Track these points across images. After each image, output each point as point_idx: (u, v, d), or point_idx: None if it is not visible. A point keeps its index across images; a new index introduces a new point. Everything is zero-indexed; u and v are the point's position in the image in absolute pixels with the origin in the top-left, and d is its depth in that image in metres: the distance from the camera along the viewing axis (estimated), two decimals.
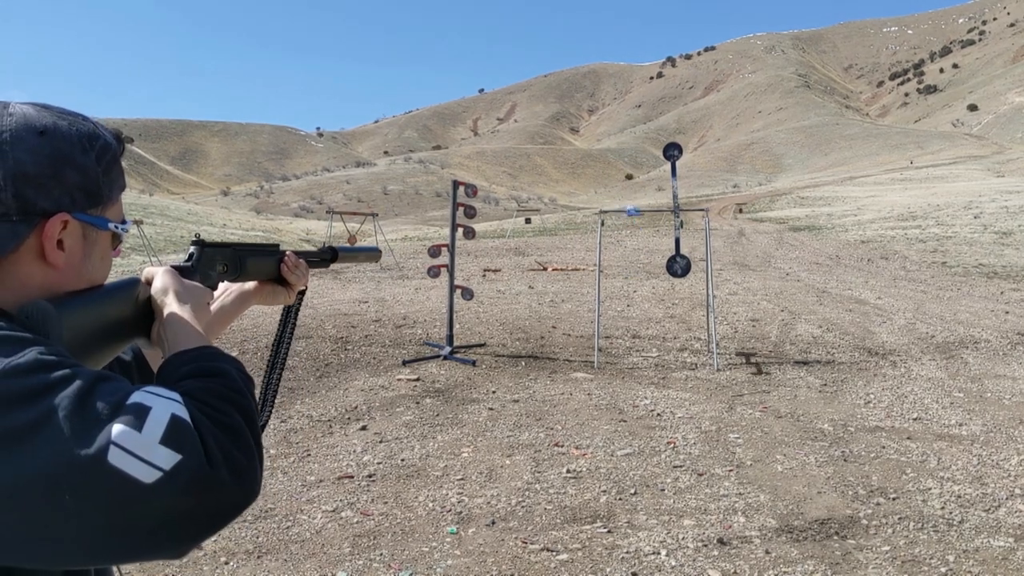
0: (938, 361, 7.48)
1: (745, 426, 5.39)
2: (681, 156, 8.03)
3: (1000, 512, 3.88)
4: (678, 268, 7.78)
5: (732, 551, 3.46)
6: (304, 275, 1.24)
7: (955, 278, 15.05)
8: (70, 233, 0.82)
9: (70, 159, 0.81)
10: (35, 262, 0.81)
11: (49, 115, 0.83)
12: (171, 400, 0.72)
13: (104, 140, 0.86)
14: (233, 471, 0.71)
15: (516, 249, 23.06)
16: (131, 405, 0.69)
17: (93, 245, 0.86)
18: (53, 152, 0.80)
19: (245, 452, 0.74)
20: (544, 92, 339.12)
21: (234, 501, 0.72)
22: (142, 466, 0.66)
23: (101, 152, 0.85)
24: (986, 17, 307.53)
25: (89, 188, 0.84)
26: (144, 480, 0.66)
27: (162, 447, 0.68)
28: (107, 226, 0.87)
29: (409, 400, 6.08)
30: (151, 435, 0.68)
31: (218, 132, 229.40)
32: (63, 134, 0.82)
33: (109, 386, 0.71)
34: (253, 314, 9.90)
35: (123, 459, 0.66)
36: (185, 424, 0.70)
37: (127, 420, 0.68)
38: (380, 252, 1.56)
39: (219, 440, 0.72)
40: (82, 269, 0.85)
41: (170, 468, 0.67)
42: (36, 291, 0.81)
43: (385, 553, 3.44)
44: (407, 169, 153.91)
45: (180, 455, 0.68)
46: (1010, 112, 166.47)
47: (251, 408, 0.80)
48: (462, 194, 8.16)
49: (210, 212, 56.75)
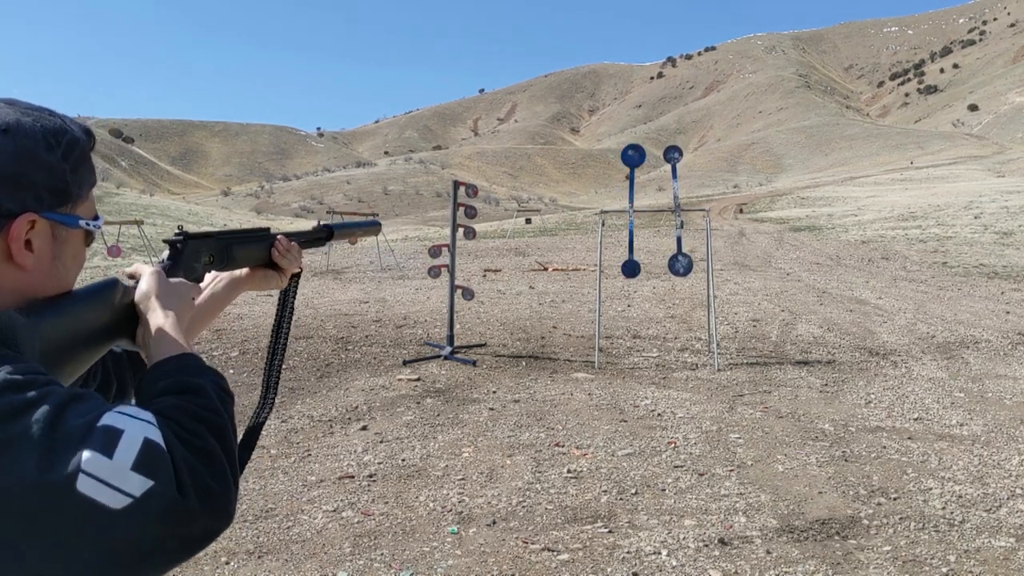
0: (939, 361, 7.48)
1: (746, 426, 5.38)
2: (681, 158, 8.04)
3: (1001, 512, 3.88)
4: (680, 267, 7.78)
5: (733, 551, 3.46)
6: (297, 258, 1.20)
7: (956, 278, 15.05)
8: (38, 233, 0.80)
9: (35, 157, 0.78)
10: (3, 265, 0.78)
11: (12, 111, 0.79)
12: (144, 422, 0.70)
13: (71, 135, 0.83)
14: (204, 498, 0.70)
15: (517, 249, 23.06)
16: (102, 428, 0.68)
17: (63, 244, 0.83)
18: (17, 150, 0.77)
19: (218, 478, 0.72)
20: (544, 92, 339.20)
21: (205, 528, 0.70)
22: (112, 493, 0.65)
23: (68, 148, 0.82)
24: (986, 17, 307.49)
25: (56, 186, 0.81)
26: (113, 507, 0.65)
27: (133, 473, 0.66)
28: (78, 224, 0.84)
29: (410, 400, 6.08)
30: (122, 461, 0.66)
31: (218, 132, 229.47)
32: (27, 131, 0.78)
33: (81, 407, 0.69)
34: (253, 314, 9.91)
35: (92, 486, 0.65)
36: (158, 449, 0.69)
37: (98, 446, 0.66)
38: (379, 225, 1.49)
39: (191, 465, 0.70)
40: (52, 270, 0.83)
41: (140, 495, 0.66)
42: (7, 294, 0.79)
43: (386, 553, 3.44)
44: (407, 169, 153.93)
45: (152, 481, 0.67)
46: (1010, 112, 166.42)
47: (226, 429, 0.78)
48: (462, 194, 8.16)
49: (211, 212, 56.77)
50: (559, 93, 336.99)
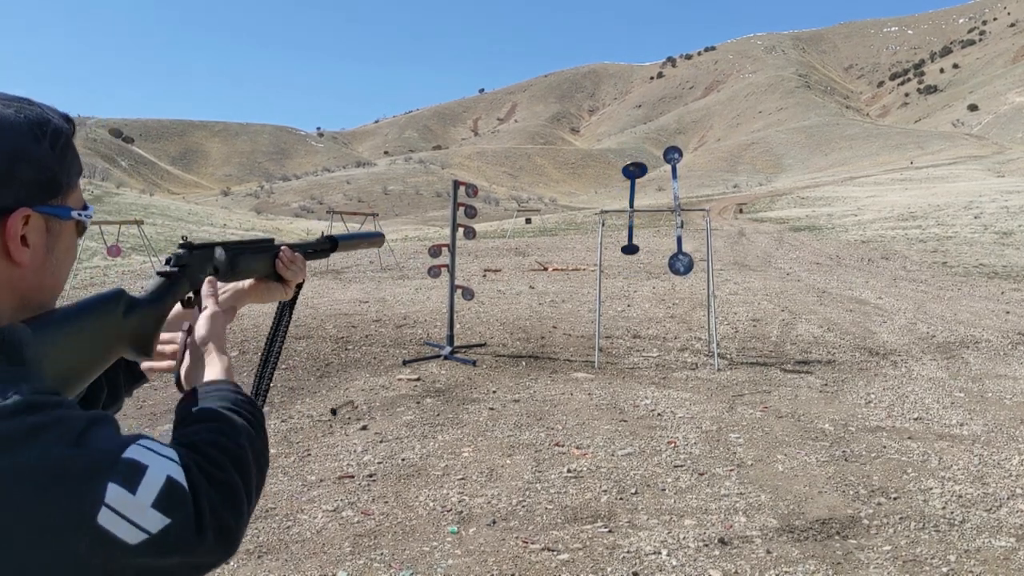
0: (939, 361, 7.48)
1: (746, 426, 5.38)
2: (681, 159, 8.04)
3: (1002, 512, 3.88)
4: (680, 266, 7.78)
5: (733, 551, 3.46)
6: (301, 270, 1.19)
7: (956, 278, 15.05)
8: (33, 228, 0.78)
9: (23, 151, 0.76)
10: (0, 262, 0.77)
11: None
12: (167, 460, 0.70)
13: (55, 125, 0.81)
14: (219, 534, 0.71)
15: (516, 249, 23.05)
16: (127, 461, 0.67)
17: (57, 237, 0.82)
18: (3, 146, 0.75)
19: (234, 513, 0.73)
20: (544, 92, 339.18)
21: (212, 562, 0.71)
22: (130, 528, 0.65)
23: (53, 138, 0.80)
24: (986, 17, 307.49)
25: (46, 178, 0.78)
26: (129, 541, 0.65)
27: (153, 510, 0.66)
28: (70, 215, 0.82)
29: (410, 400, 6.07)
30: (144, 498, 0.66)
31: (218, 132, 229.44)
32: (11, 124, 0.76)
33: (101, 433, 0.69)
34: (253, 314, 9.90)
35: (112, 520, 0.65)
36: (180, 488, 0.69)
37: (122, 480, 0.66)
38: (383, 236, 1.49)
39: (212, 501, 0.71)
40: (47, 264, 0.81)
41: (157, 531, 0.66)
42: (5, 292, 0.77)
43: (386, 553, 3.44)
44: (407, 169, 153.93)
45: (169, 519, 0.67)
46: (1010, 112, 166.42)
47: (247, 460, 0.79)
48: (462, 194, 8.16)
49: (210, 212, 56.76)
50: (559, 93, 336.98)
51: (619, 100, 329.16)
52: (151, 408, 5.71)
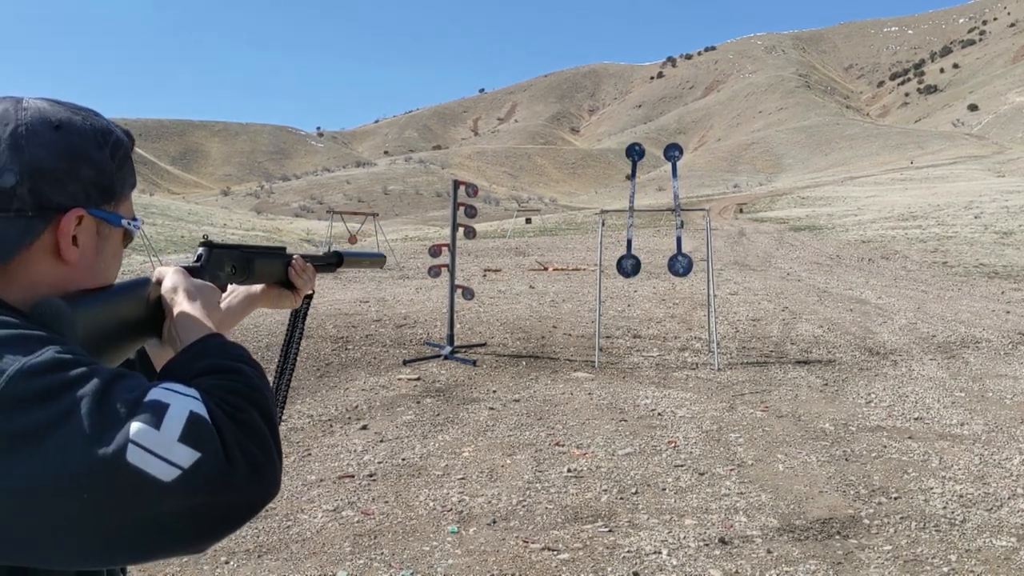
0: (939, 361, 7.48)
1: (746, 426, 5.38)
2: (682, 157, 8.03)
3: (1002, 512, 3.88)
4: (679, 267, 7.77)
5: (734, 550, 3.46)
6: (311, 279, 1.22)
7: (956, 278, 15.04)
8: (84, 229, 0.82)
9: (85, 154, 0.81)
10: (49, 258, 0.80)
11: (63, 110, 0.82)
12: (189, 397, 0.71)
13: (117, 136, 0.86)
14: (252, 468, 0.71)
15: (517, 249, 23.05)
16: (149, 402, 0.69)
17: (106, 241, 0.86)
18: (69, 147, 0.79)
19: (263, 449, 0.73)
20: (544, 92, 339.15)
21: (252, 498, 0.71)
22: (161, 464, 0.66)
23: (114, 148, 0.85)
24: (986, 17, 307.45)
25: (103, 184, 0.83)
26: (163, 478, 0.66)
27: (181, 444, 0.67)
28: (120, 222, 0.86)
29: (410, 400, 6.07)
30: (170, 433, 0.67)
31: (218, 132, 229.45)
32: (78, 129, 0.81)
33: (127, 383, 0.70)
34: (254, 314, 9.90)
35: (142, 457, 0.65)
36: (204, 421, 0.70)
37: (146, 418, 0.67)
38: (384, 258, 1.53)
39: (238, 437, 0.71)
40: (94, 266, 0.85)
41: (189, 466, 0.67)
42: (48, 288, 0.80)
43: (386, 552, 3.43)
44: (407, 169, 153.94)
45: (199, 452, 0.68)
46: (1010, 112, 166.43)
47: (268, 404, 0.79)
48: (463, 194, 8.15)
49: (210, 212, 56.76)
50: (559, 93, 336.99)
51: (619, 100, 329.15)
52: None
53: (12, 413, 0.65)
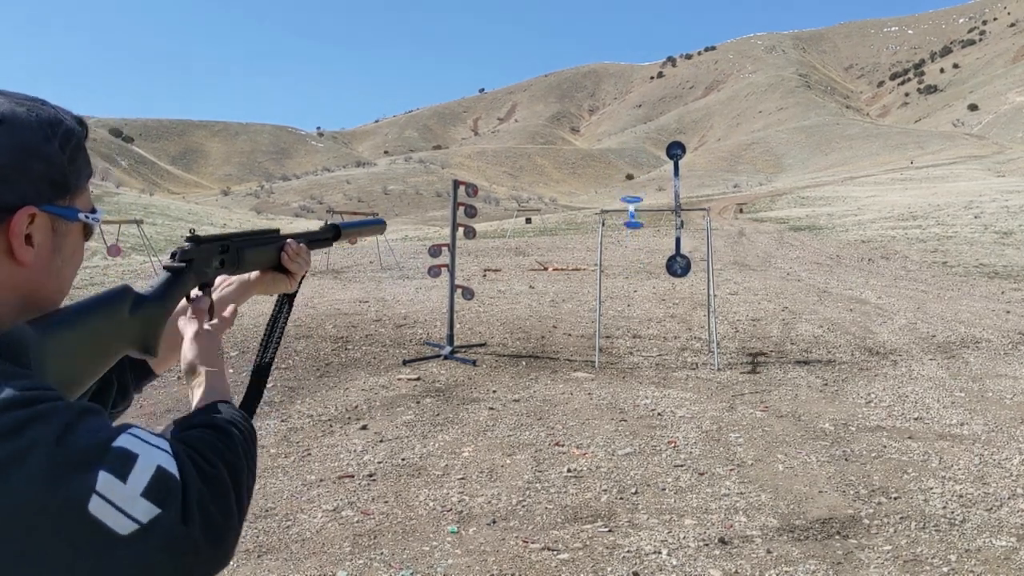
0: (939, 361, 7.47)
1: (746, 425, 5.38)
2: (683, 155, 8.02)
3: (1002, 511, 3.88)
4: (678, 268, 7.77)
5: (733, 550, 3.46)
6: (306, 261, 1.19)
7: (956, 278, 15.04)
8: (38, 227, 0.77)
9: (33, 148, 0.76)
10: (3, 261, 0.75)
11: (6, 102, 0.77)
12: (158, 449, 0.70)
13: (67, 126, 0.81)
14: (208, 530, 0.69)
15: (517, 249, 23.05)
16: (117, 450, 0.67)
17: (63, 238, 0.81)
18: (13, 142, 0.74)
19: (223, 510, 0.72)
20: (545, 92, 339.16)
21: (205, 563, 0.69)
22: (120, 517, 0.64)
23: (64, 139, 0.79)
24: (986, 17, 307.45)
25: (55, 178, 0.78)
26: (119, 531, 0.64)
27: (143, 499, 0.66)
28: (77, 216, 0.82)
29: (410, 399, 6.07)
30: (135, 486, 0.66)
31: (218, 132, 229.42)
32: (23, 122, 0.76)
33: (91, 423, 0.68)
34: (255, 313, 9.90)
35: (103, 509, 0.64)
36: (171, 477, 0.68)
37: (113, 468, 0.65)
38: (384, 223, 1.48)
39: (200, 495, 0.70)
40: (52, 265, 0.80)
41: (147, 522, 0.65)
42: (7, 291, 0.76)
43: (386, 552, 3.44)
44: (407, 169, 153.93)
45: (159, 509, 0.66)
46: (1010, 112, 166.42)
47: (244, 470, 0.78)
48: (463, 194, 8.15)
49: (210, 212, 56.77)
50: (559, 93, 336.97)
51: (619, 100, 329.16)
52: (151, 408, 5.71)
53: None
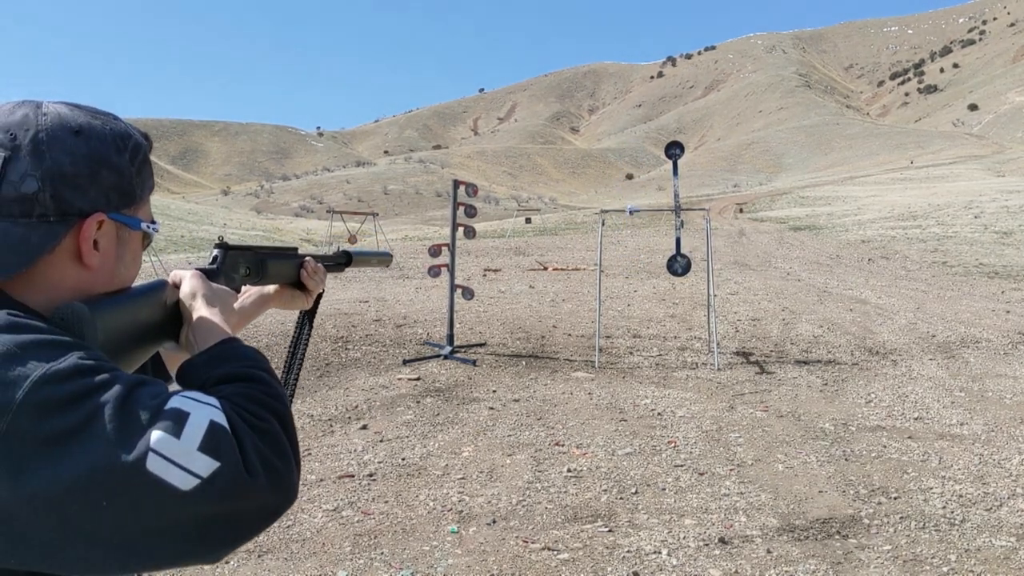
0: (939, 360, 7.47)
1: (746, 425, 5.38)
2: (682, 155, 8.02)
3: (1002, 511, 3.88)
4: (678, 267, 7.77)
5: (733, 550, 3.46)
6: (322, 280, 1.23)
7: (956, 278, 15.05)
8: (104, 233, 0.82)
9: (106, 159, 0.81)
10: (70, 263, 0.80)
11: (83, 114, 0.82)
12: (209, 406, 0.72)
13: (136, 140, 0.86)
14: (270, 476, 0.71)
15: (516, 249, 23.06)
16: (170, 411, 0.69)
17: (125, 245, 0.86)
18: (89, 152, 0.80)
19: (282, 457, 0.74)
20: (544, 92, 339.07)
21: (270, 506, 0.72)
22: (180, 473, 0.66)
23: (134, 152, 0.85)
24: (986, 17, 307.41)
25: (123, 188, 0.83)
26: (181, 487, 0.66)
27: (200, 454, 0.68)
28: (140, 226, 0.87)
29: (410, 399, 6.07)
30: (190, 442, 0.68)
31: (218, 132, 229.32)
32: (98, 133, 0.81)
33: (148, 390, 0.71)
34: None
35: (162, 466, 0.66)
36: (223, 430, 0.70)
37: (166, 426, 0.68)
38: (391, 257, 1.54)
39: (256, 446, 0.72)
40: (114, 270, 0.85)
41: (208, 475, 0.67)
42: (68, 292, 0.80)
43: (386, 552, 3.44)
44: (407, 169, 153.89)
45: (218, 462, 0.68)
46: (1010, 112, 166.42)
47: (286, 411, 0.80)
48: (462, 193, 8.15)
49: (210, 212, 56.77)
50: (559, 92, 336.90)
51: (619, 99, 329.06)
52: None
53: (36, 418, 0.65)
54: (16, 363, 0.67)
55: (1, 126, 0.77)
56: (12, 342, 0.68)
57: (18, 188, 0.76)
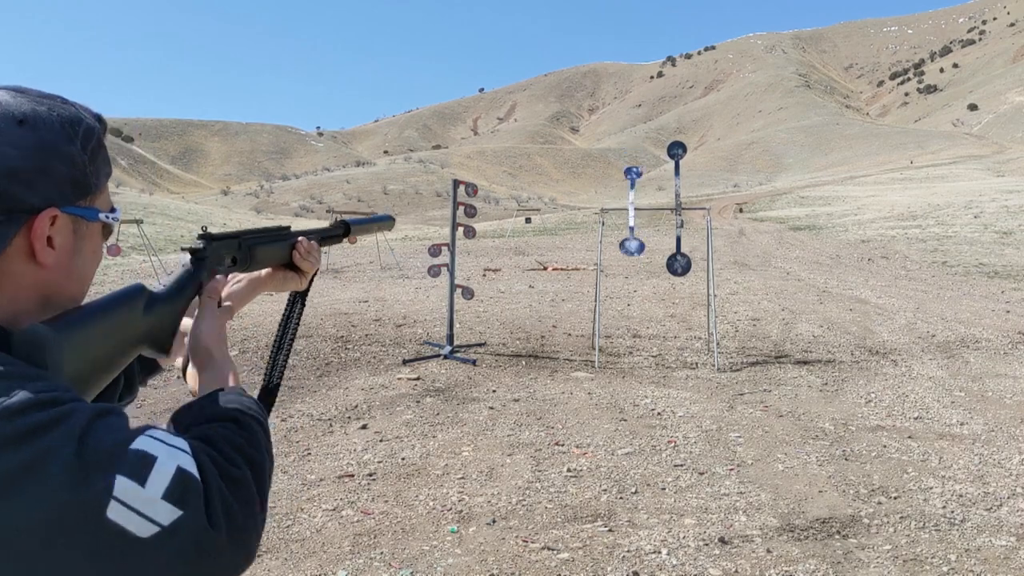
0: (939, 360, 7.47)
1: (746, 425, 5.38)
2: (684, 154, 8.01)
3: (1002, 511, 3.88)
4: (678, 267, 7.77)
5: (733, 550, 3.46)
6: (317, 259, 1.17)
7: (956, 277, 15.05)
8: (59, 229, 0.76)
9: (55, 149, 0.74)
10: (24, 263, 0.74)
11: (27, 101, 0.75)
12: (178, 449, 0.69)
13: (87, 124, 0.79)
14: (232, 531, 0.68)
15: (516, 249, 23.06)
16: (135, 452, 0.66)
17: (83, 239, 0.80)
18: (37, 143, 0.73)
19: (246, 509, 0.71)
20: (544, 91, 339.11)
21: (230, 564, 0.68)
22: (141, 521, 0.63)
23: (85, 138, 0.78)
24: (986, 17, 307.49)
25: (77, 178, 0.77)
26: (140, 535, 0.63)
27: (164, 502, 0.64)
28: (97, 217, 0.80)
29: (409, 399, 6.07)
30: (154, 489, 0.64)
31: (218, 131, 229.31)
32: (44, 121, 0.74)
33: (109, 423, 0.67)
34: (255, 313, 9.90)
35: (122, 514, 0.63)
36: (191, 478, 0.67)
37: (131, 471, 0.64)
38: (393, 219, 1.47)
39: (223, 495, 0.69)
40: (72, 266, 0.79)
41: (169, 524, 0.64)
42: (27, 291, 0.75)
43: (385, 552, 3.43)
44: (407, 168, 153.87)
45: (181, 511, 0.65)
46: (1010, 112, 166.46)
47: (264, 461, 0.77)
48: (462, 193, 8.15)
49: (210, 211, 56.77)
50: (559, 92, 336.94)
51: (619, 99, 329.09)
52: (151, 407, 5.71)
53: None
54: None
55: None
56: None
57: None
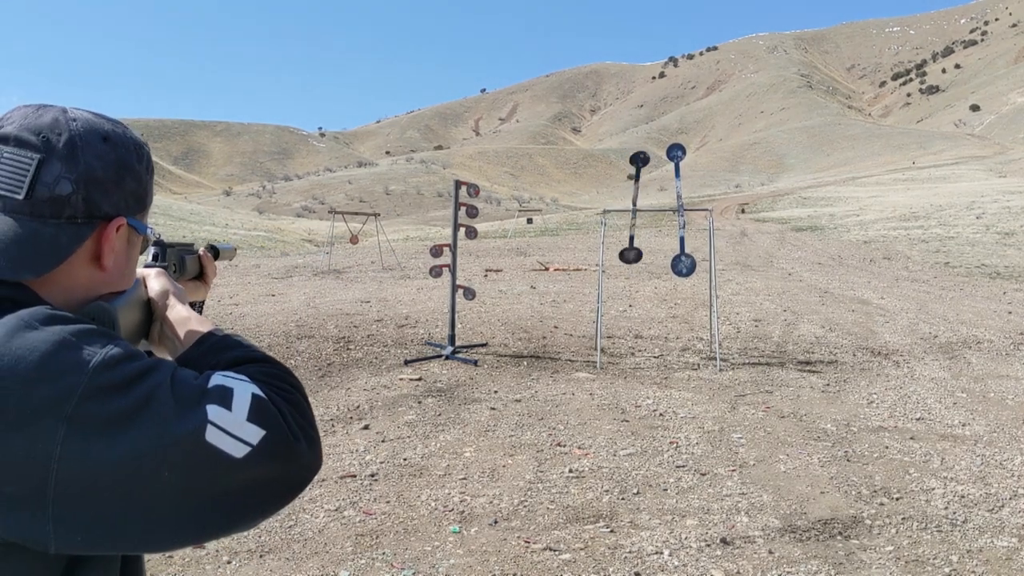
0: (941, 361, 7.47)
1: (748, 426, 5.38)
2: (684, 157, 8.02)
3: (1004, 512, 3.87)
4: (683, 267, 7.77)
5: (735, 551, 3.46)
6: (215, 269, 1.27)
7: (958, 278, 15.03)
8: (120, 237, 0.86)
9: (129, 165, 0.86)
10: (87, 264, 0.84)
11: (106, 122, 0.86)
12: (245, 382, 0.78)
13: (147, 149, 0.91)
14: (309, 442, 0.78)
15: (518, 249, 23.06)
16: (215, 387, 0.75)
17: (133, 249, 0.91)
18: (116, 158, 0.84)
19: (312, 425, 0.81)
20: (546, 92, 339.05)
21: (309, 469, 0.78)
22: (233, 442, 0.72)
23: (148, 160, 0.91)
24: (988, 17, 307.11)
25: (140, 194, 0.88)
26: (235, 455, 0.72)
27: (249, 424, 0.74)
28: (147, 230, 0.92)
29: (411, 400, 6.07)
30: (239, 413, 0.74)
31: (220, 132, 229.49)
32: (122, 140, 0.86)
33: (186, 371, 0.77)
34: (256, 314, 9.91)
35: (218, 436, 0.71)
36: (266, 402, 0.76)
37: (218, 400, 0.73)
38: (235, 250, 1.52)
39: (293, 415, 0.78)
40: (123, 271, 0.89)
41: (257, 442, 0.73)
42: (80, 292, 0.84)
43: (387, 552, 3.44)
44: (409, 169, 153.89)
45: (265, 430, 0.74)
46: (1012, 112, 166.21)
47: (302, 386, 0.86)
48: (464, 194, 8.15)
49: (212, 212, 56.80)
50: (561, 93, 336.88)
51: (621, 100, 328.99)
52: None
53: (100, 400, 0.69)
54: (74, 350, 0.71)
55: (29, 128, 0.79)
56: (66, 332, 0.72)
57: (52, 190, 0.78)
